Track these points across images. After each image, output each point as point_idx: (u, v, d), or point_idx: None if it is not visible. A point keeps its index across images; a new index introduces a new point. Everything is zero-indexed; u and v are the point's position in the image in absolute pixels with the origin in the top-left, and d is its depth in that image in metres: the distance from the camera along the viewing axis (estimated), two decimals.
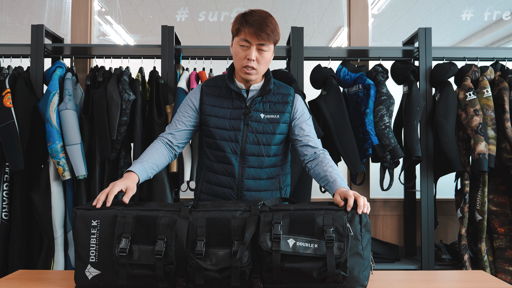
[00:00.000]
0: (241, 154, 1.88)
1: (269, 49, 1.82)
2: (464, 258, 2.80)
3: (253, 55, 1.78)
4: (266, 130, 1.88)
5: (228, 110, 1.90)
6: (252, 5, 3.76)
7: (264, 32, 1.75)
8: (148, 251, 1.42)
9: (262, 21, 1.76)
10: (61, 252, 2.76)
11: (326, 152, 1.89)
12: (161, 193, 2.76)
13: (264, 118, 1.89)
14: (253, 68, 1.81)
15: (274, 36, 1.80)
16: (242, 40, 1.79)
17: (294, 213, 1.45)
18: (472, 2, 3.80)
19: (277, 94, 1.94)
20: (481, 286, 1.58)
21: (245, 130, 1.88)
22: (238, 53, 1.82)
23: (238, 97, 1.90)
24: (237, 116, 1.88)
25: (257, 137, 1.87)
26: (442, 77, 2.90)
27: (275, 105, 1.91)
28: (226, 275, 1.41)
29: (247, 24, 1.76)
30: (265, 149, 1.88)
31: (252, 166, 1.89)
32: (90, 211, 1.51)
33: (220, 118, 1.89)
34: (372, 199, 3.32)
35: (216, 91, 1.94)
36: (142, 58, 3.08)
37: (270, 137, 1.89)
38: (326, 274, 1.38)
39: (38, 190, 2.77)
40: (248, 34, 1.77)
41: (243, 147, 1.88)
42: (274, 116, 1.90)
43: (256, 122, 1.88)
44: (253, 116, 1.88)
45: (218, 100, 1.92)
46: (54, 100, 2.71)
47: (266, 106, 1.90)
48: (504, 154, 2.81)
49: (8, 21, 4.02)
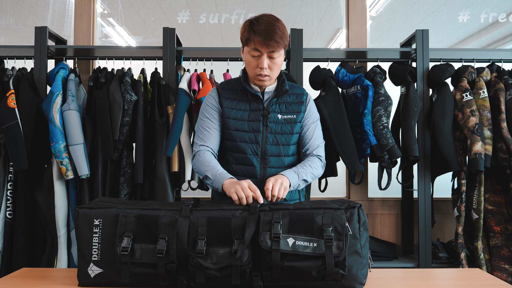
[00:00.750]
0: (261, 155, 1.89)
1: (279, 55, 1.82)
2: (460, 256, 2.81)
3: (265, 63, 1.79)
4: (284, 130, 1.91)
5: (246, 112, 1.91)
6: (252, 8, 3.77)
7: (273, 40, 1.75)
8: (150, 250, 1.43)
9: (270, 29, 1.76)
10: (64, 250, 2.78)
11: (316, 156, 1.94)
12: (162, 192, 2.78)
13: (282, 119, 1.91)
14: (266, 75, 1.83)
15: (284, 42, 1.80)
16: (253, 50, 1.79)
17: (294, 213, 1.46)
18: (469, 4, 3.81)
19: (291, 94, 1.96)
20: (477, 283, 1.58)
21: (265, 131, 1.89)
22: (250, 62, 1.83)
23: (255, 99, 1.91)
24: (255, 117, 1.89)
25: (276, 137, 1.89)
26: (439, 78, 2.91)
27: (291, 105, 1.94)
28: (227, 273, 1.42)
29: (255, 34, 1.76)
30: (284, 149, 1.91)
31: (273, 167, 1.90)
32: (92, 210, 1.52)
33: (239, 121, 1.90)
34: (370, 198, 3.34)
35: (232, 94, 1.95)
36: (144, 60, 3.09)
37: (289, 137, 1.92)
38: (325, 273, 1.39)
39: (41, 189, 2.78)
40: (258, 43, 1.77)
41: (264, 148, 1.89)
42: (291, 116, 1.92)
43: (274, 123, 1.90)
44: (271, 117, 1.90)
45: (235, 103, 1.93)
46: (58, 100, 2.73)
47: (282, 106, 1.92)
48: (500, 154, 2.83)
49: (12, 23, 4.03)
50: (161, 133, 2.82)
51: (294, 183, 1.78)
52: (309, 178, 1.87)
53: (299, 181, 1.81)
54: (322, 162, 1.97)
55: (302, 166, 1.86)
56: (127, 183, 2.82)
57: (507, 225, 2.84)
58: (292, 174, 1.79)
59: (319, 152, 1.96)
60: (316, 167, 1.91)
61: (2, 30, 4.04)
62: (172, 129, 2.72)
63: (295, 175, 1.80)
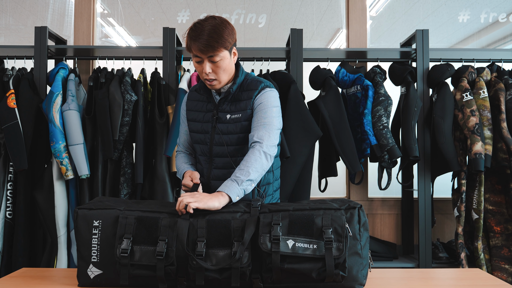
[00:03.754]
0: (209, 156, 1.90)
1: (222, 57, 1.77)
2: (460, 256, 2.81)
3: (207, 68, 1.77)
4: (230, 130, 1.86)
5: (202, 113, 1.92)
6: (252, 8, 3.77)
7: (207, 45, 1.72)
8: (149, 251, 1.43)
9: (204, 33, 1.73)
10: (64, 250, 2.78)
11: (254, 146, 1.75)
12: (162, 192, 2.78)
13: (230, 119, 1.87)
14: (212, 79, 1.81)
15: (222, 43, 1.75)
16: (195, 56, 1.79)
17: (293, 214, 1.45)
18: (469, 4, 3.81)
19: (245, 91, 1.89)
20: (477, 283, 1.58)
21: (213, 132, 1.88)
22: (197, 68, 1.82)
23: (210, 100, 1.92)
24: (208, 119, 1.90)
25: (222, 138, 1.87)
26: (439, 78, 2.91)
27: (240, 103, 1.87)
28: (227, 275, 1.42)
29: (192, 40, 1.75)
30: (229, 150, 1.87)
31: (218, 167, 1.89)
32: (92, 211, 1.51)
33: (196, 122, 1.93)
34: (370, 198, 3.34)
35: (196, 95, 1.97)
36: (144, 60, 3.10)
37: (233, 137, 1.87)
38: (325, 275, 1.39)
39: (41, 189, 2.79)
40: (195, 50, 1.75)
41: (211, 149, 1.89)
42: (237, 115, 1.87)
43: (222, 123, 1.88)
44: (221, 117, 1.88)
45: (195, 104, 1.95)
46: (57, 100, 2.73)
47: (232, 106, 1.88)
48: (500, 154, 2.83)
49: (12, 23, 4.03)
50: (161, 133, 2.82)
51: (238, 192, 1.63)
52: (254, 175, 1.69)
53: (243, 187, 1.65)
54: (263, 149, 1.74)
55: (239, 168, 1.70)
56: (127, 183, 2.82)
57: (507, 225, 2.84)
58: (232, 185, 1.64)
59: (258, 137, 1.76)
60: (254, 161, 1.71)
61: (2, 30, 4.04)
62: (172, 129, 2.72)
63: (235, 184, 1.64)
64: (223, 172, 1.87)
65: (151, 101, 2.92)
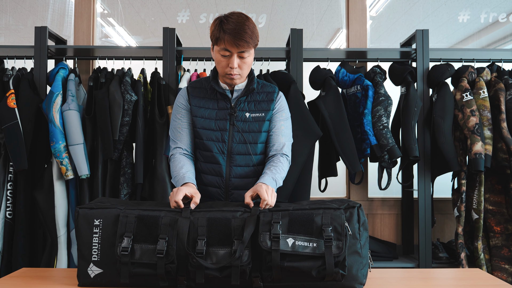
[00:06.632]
0: (228, 154, 1.90)
1: (249, 54, 1.82)
2: (460, 256, 2.81)
3: (235, 63, 1.80)
4: (252, 128, 1.90)
5: (214, 111, 1.91)
6: (252, 8, 3.78)
7: (242, 40, 1.75)
8: (150, 250, 1.43)
9: (240, 28, 1.75)
10: (64, 250, 2.78)
11: (283, 156, 1.90)
12: (162, 192, 2.78)
13: (250, 117, 1.90)
14: (236, 74, 1.83)
15: (254, 41, 1.79)
16: (223, 50, 1.79)
17: (293, 213, 1.46)
18: (469, 4, 3.81)
19: (261, 93, 1.95)
20: (477, 283, 1.59)
21: (231, 129, 1.89)
22: (221, 61, 1.83)
23: (223, 98, 1.92)
24: (223, 116, 1.90)
25: (243, 136, 1.89)
26: (439, 78, 2.91)
27: (260, 103, 1.93)
28: (227, 274, 1.42)
29: (225, 33, 1.75)
30: (251, 148, 1.90)
31: (239, 165, 1.90)
32: (92, 210, 1.52)
33: (206, 119, 1.91)
34: (370, 198, 3.34)
35: (201, 92, 1.96)
36: (144, 60, 3.10)
37: (256, 135, 1.90)
38: (325, 273, 1.39)
39: (41, 189, 2.78)
40: (228, 43, 1.76)
41: (230, 147, 1.89)
42: (259, 114, 1.91)
43: (242, 122, 1.90)
44: (239, 115, 1.90)
45: (204, 101, 1.94)
46: (57, 100, 2.73)
47: (251, 105, 1.92)
48: (500, 154, 2.84)
49: (12, 23, 4.03)
50: (161, 133, 2.82)
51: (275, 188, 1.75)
52: (281, 182, 1.83)
53: (276, 187, 1.78)
54: (289, 162, 1.93)
55: (277, 171, 1.81)
56: (127, 183, 2.82)
57: (507, 225, 2.84)
58: (271, 181, 1.74)
59: (285, 151, 1.93)
60: (285, 170, 1.88)
61: (2, 30, 4.05)
62: None
63: (273, 182, 1.76)
64: (244, 170, 1.91)
65: (151, 101, 2.93)
